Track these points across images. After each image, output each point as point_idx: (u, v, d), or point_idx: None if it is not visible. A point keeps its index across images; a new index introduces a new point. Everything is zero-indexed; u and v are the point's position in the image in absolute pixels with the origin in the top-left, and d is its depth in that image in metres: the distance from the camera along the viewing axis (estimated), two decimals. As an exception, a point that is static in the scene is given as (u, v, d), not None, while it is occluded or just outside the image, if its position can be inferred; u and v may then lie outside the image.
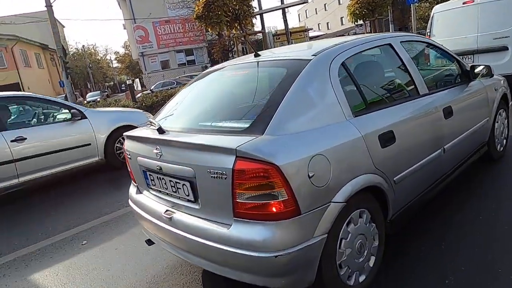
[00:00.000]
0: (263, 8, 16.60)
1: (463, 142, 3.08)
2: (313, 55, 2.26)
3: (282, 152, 1.83)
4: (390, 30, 23.93)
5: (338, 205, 1.96)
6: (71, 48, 50.05)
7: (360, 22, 22.01)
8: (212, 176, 1.90)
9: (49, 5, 16.71)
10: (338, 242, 2.05)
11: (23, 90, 29.94)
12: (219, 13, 14.81)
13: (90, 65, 48.78)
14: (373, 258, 2.30)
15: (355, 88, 2.33)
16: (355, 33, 36.14)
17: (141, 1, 32.53)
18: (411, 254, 2.58)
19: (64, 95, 22.11)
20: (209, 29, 16.94)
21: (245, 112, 2.30)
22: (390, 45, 2.71)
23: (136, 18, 33.19)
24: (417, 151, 2.56)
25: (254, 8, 17.11)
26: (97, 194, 5.23)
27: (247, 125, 2.02)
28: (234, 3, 15.06)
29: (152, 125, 2.43)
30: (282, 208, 1.81)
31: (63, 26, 46.65)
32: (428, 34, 7.05)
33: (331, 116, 2.11)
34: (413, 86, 2.71)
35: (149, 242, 2.67)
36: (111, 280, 2.87)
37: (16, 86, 29.66)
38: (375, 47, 2.67)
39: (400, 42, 2.79)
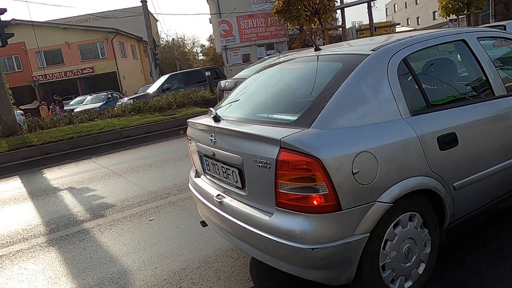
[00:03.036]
0: (345, 2, 16.12)
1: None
2: (371, 50, 2.20)
3: (326, 146, 1.83)
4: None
5: (384, 205, 1.90)
6: (162, 41, 53.65)
7: (453, 16, 20.24)
8: (257, 165, 1.97)
9: (143, 1, 18.15)
10: (383, 243, 1.99)
11: (119, 79, 33.11)
12: (299, 7, 14.75)
13: (178, 57, 51.89)
14: (423, 265, 2.19)
15: (416, 86, 2.21)
16: (448, 28, 33.32)
17: (228, -4, 33.64)
18: (468, 267, 2.39)
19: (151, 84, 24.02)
20: (288, 24, 16.96)
21: (299, 104, 2.32)
22: (463, 41, 2.51)
23: (222, 13, 34.45)
24: (484, 158, 2.35)
25: (336, 2, 16.73)
26: (169, 176, 5.64)
27: (296, 118, 2.05)
28: (315, -3, 14.90)
29: (211, 113, 2.57)
30: (323, 202, 1.81)
31: (157, 20, 50.24)
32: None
33: (385, 114, 2.04)
34: (487, 87, 2.48)
35: (203, 223, 2.84)
36: (169, 255, 3.11)
37: (113, 75, 32.93)
38: (445, 43, 2.49)
39: (477, 38, 2.56)
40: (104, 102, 20.34)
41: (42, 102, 22.56)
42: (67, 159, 8.39)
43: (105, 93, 22.51)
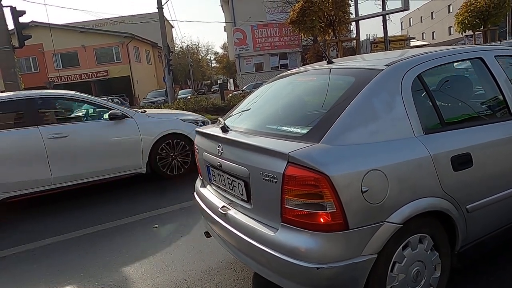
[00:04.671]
0: (360, 15, 16.08)
1: None
2: (385, 65, 2.15)
3: (335, 163, 1.78)
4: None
5: (393, 226, 1.84)
6: (177, 47, 54.27)
7: (470, 32, 20.05)
8: (264, 178, 1.93)
9: (160, 7, 18.38)
10: (391, 265, 1.92)
11: (133, 83, 33.52)
12: (314, 18, 14.77)
13: (191, 64, 52.37)
14: (431, 290, 2.10)
15: (431, 104, 2.15)
16: (464, 44, 33.12)
17: (243, 5, 33.97)
18: (480, 293, 2.30)
19: (164, 89, 24.24)
20: (302, 34, 16.99)
21: (309, 118, 2.28)
22: (481, 59, 2.44)
23: (237, 22, 34.75)
24: (499, 180, 2.26)
25: (351, 14, 16.72)
26: (173, 184, 5.61)
27: (306, 132, 2.00)
28: (330, 9, 14.89)
29: (219, 123, 2.54)
30: (330, 220, 1.76)
31: (172, 27, 50.90)
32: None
33: (397, 131, 1.98)
34: (504, 106, 2.40)
35: (207, 234, 2.80)
36: (172, 264, 3.07)
37: (127, 79, 33.36)
38: (462, 60, 2.43)
39: (495, 56, 2.50)
40: None
41: None
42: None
43: (105, 99, 21.85)
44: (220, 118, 2.66)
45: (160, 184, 5.61)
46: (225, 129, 2.36)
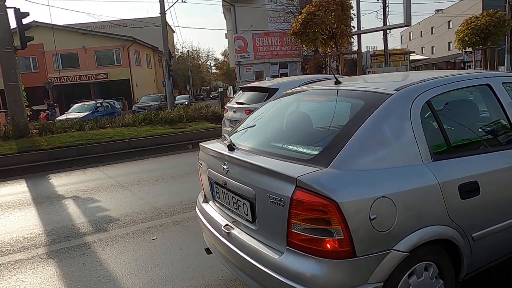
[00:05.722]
0: (362, 28, 16.23)
1: None
2: (395, 90, 2.14)
3: (344, 189, 1.76)
4: (505, 61, 21.60)
5: (400, 254, 1.82)
6: (177, 52, 54.37)
7: (469, 49, 20.25)
8: (271, 201, 1.91)
9: (163, 13, 18.44)
10: (396, 293, 1.89)
11: (132, 86, 33.47)
12: (316, 30, 14.87)
13: (191, 69, 52.44)
14: (436, 318, 2.08)
15: (439, 130, 2.14)
16: (463, 60, 33.35)
17: (245, 14, 34.13)
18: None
19: (158, 94, 23.79)
20: (304, 46, 17.08)
21: (316, 139, 2.27)
22: (488, 85, 2.45)
23: (238, 29, 34.91)
24: (506, 208, 2.25)
25: (353, 27, 16.83)
26: (175, 192, 5.57)
27: (314, 155, 1.99)
28: (333, 21, 14.99)
29: (225, 140, 2.52)
30: (337, 247, 1.73)
31: (173, 31, 51.02)
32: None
33: (406, 157, 1.97)
34: (511, 134, 2.40)
35: (208, 251, 2.76)
36: (170, 279, 3.03)
37: (127, 82, 33.33)
38: (470, 86, 2.43)
39: (503, 83, 2.50)
40: (91, 112, 17.63)
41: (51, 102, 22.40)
42: (74, 165, 8.38)
43: (94, 102, 19.80)
44: (225, 135, 2.65)
45: (160, 192, 5.57)
46: (231, 147, 2.34)
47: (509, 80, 2.58)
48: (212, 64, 69.07)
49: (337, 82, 2.62)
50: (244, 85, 7.96)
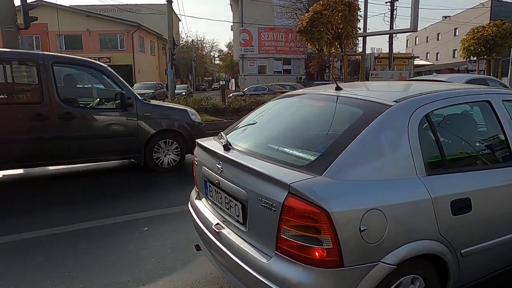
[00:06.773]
0: (368, 30, 16.18)
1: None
2: (394, 101, 2.14)
3: (336, 199, 1.76)
4: (509, 72, 21.59)
5: (387, 266, 1.82)
6: (182, 40, 54.07)
7: (474, 58, 20.23)
8: (262, 205, 1.91)
9: (169, 1, 18.31)
10: (381, 305, 1.90)
11: (135, 73, 33.32)
12: (322, 29, 14.81)
13: (195, 59, 52.22)
14: (420, 332, 2.09)
15: (436, 145, 2.14)
16: (466, 69, 33.34)
17: (252, 7, 33.99)
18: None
19: (154, 82, 23.62)
20: (309, 44, 17.02)
21: (313, 145, 2.27)
22: (488, 102, 2.44)
23: (244, 23, 34.76)
24: (496, 227, 2.26)
25: (359, 29, 16.78)
26: (169, 184, 5.57)
27: (309, 161, 1.98)
28: (339, 22, 14.93)
29: (222, 139, 2.51)
30: (325, 256, 1.74)
31: (179, 20, 50.77)
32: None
33: (400, 170, 1.97)
34: (508, 153, 2.40)
35: (197, 247, 2.77)
36: (158, 273, 3.03)
37: (129, 68, 33.16)
38: (470, 102, 2.43)
39: (502, 100, 2.50)
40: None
41: None
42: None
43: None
44: (222, 133, 2.64)
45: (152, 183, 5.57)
46: (227, 147, 2.33)
47: (509, 98, 2.57)
48: (216, 55, 68.81)
49: (338, 88, 2.61)
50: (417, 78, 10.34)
